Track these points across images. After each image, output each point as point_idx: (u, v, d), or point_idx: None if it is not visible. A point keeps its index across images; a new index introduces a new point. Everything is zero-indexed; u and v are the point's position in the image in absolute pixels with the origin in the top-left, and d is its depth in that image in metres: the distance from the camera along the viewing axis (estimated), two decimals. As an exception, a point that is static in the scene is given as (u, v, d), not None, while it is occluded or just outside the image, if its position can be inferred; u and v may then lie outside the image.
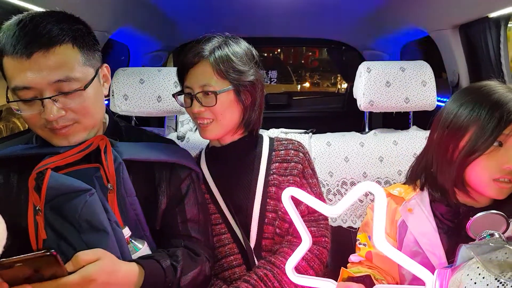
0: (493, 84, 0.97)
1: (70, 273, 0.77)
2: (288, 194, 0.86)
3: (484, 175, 0.94)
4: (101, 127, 1.05)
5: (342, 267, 1.01)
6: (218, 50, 1.14)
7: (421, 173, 1.09)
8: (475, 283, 0.69)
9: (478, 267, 0.70)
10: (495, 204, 0.96)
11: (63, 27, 0.89)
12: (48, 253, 0.71)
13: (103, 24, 1.75)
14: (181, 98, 1.23)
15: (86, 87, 0.92)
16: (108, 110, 1.09)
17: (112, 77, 1.59)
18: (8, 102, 0.92)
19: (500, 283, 0.66)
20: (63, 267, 0.75)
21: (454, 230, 0.98)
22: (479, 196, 0.99)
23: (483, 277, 0.68)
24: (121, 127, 1.11)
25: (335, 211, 0.81)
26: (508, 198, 0.95)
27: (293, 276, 0.91)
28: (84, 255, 0.79)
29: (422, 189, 1.06)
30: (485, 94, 0.95)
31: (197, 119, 1.18)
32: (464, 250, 0.75)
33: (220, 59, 1.13)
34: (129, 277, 0.87)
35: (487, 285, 0.67)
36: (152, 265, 0.92)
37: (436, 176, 1.02)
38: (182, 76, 1.20)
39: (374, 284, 0.94)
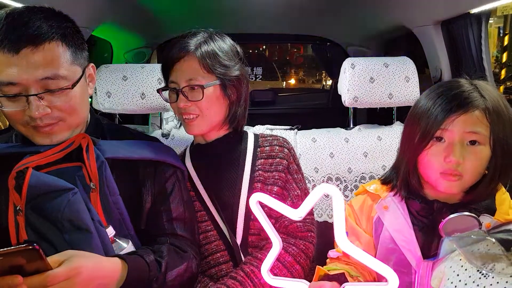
0: (457, 80, 0.98)
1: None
2: (255, 199, 0.87)
3: (430, 169, 0.96)
4: (84, 125, 1.04)
5: (317, 266, 1.02)
6: (204, 44, 1.14)
7: (393, 170, 1.10)
8: (457, 274, 0.70)
9: (460, 259, 0.71)
10: (467, 199, 0.97)
11: (52, 24, 0.88)
12: (31, 247, 0.68)
13: (84, 20, 1.72)
14: (166, 93, 1.22)
15: (74, 86, 0.91)
16: (89, 108, 1.07)
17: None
18: None
19: (482, 274, 0.67)
20: (46, 262, 0.73)
21: (428, 227, 0.99)
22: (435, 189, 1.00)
23: (466, 269, 0.70)
24: (103, 125, 1.10)
25: (298, 214, 0.82)
26: (477, 190, 0.96)
27: (268, 278, 0.92)
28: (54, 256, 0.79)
29: (392, 188, 1.07)
30: (439, 89, 0.97)
31: (182, 114, 1.17)
32: (447, 243, 0.76)
33: (207, 54, 1.12)
34: (112, 272, 0.86)
35: (470, 276, 0.68)
36: (135, 259, 0.91)
37: (398, 168, 1.04)
38: (166, 71, 1.19)
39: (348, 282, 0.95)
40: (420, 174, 1.00)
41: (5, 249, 0.68)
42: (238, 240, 1.17)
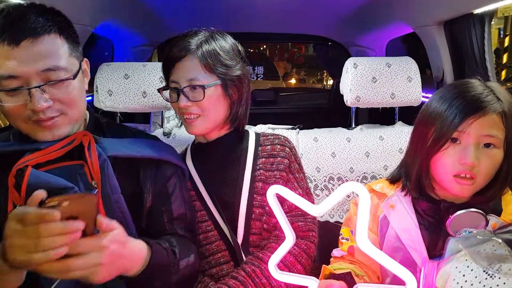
0: (470, 81, 0.97)
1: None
2: (273, 192, 0.84)
3: (444, 170, 0.95)
4: (83, 123, 1.03)
5: (323, 265, 1.01)
6: (205, 44, 1.13)
7: (400, 169, 1.09)
8: (463, 275, 0.69)
9: (466, 260, 0.71)
10: (475, 200, 0.96)
11: (48, 18, 0.89)
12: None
13: (86, 18, 1.71)
14: (167, 93, 1.21)
15: (75, 76, 0.92)
16: (88, 107, 1.06)
17: (96, 72, 1.55)
18: None
19: (488, 275, 0.67)
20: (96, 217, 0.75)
21: (435, 226, 0.99)
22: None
23: (472, 269, 0.69)
24: (103, 124, 1.09)
25: (319, 210, 0.80)
26: (487, 194, 0.95)
27: (275, 273, 0.90)
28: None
29: (403, 189, 1.06)
30: (455, 90, 0.95)
31: (183, 114, 1.16)
32: (452, 243, 0.75)
33: (208, 54, 1.12)
34: (138, 252, 0.88)
35: (476, 277, 0.68)
36: (156, 245, 0.93)
37: (409, 169, 1.03)
38: (167, 71, 1.18)
39: (355, 281, 0.94)
40: (432, 175, 0.99)
41: (68, 195, 0.72)
42: (239, 240, 1.17)
